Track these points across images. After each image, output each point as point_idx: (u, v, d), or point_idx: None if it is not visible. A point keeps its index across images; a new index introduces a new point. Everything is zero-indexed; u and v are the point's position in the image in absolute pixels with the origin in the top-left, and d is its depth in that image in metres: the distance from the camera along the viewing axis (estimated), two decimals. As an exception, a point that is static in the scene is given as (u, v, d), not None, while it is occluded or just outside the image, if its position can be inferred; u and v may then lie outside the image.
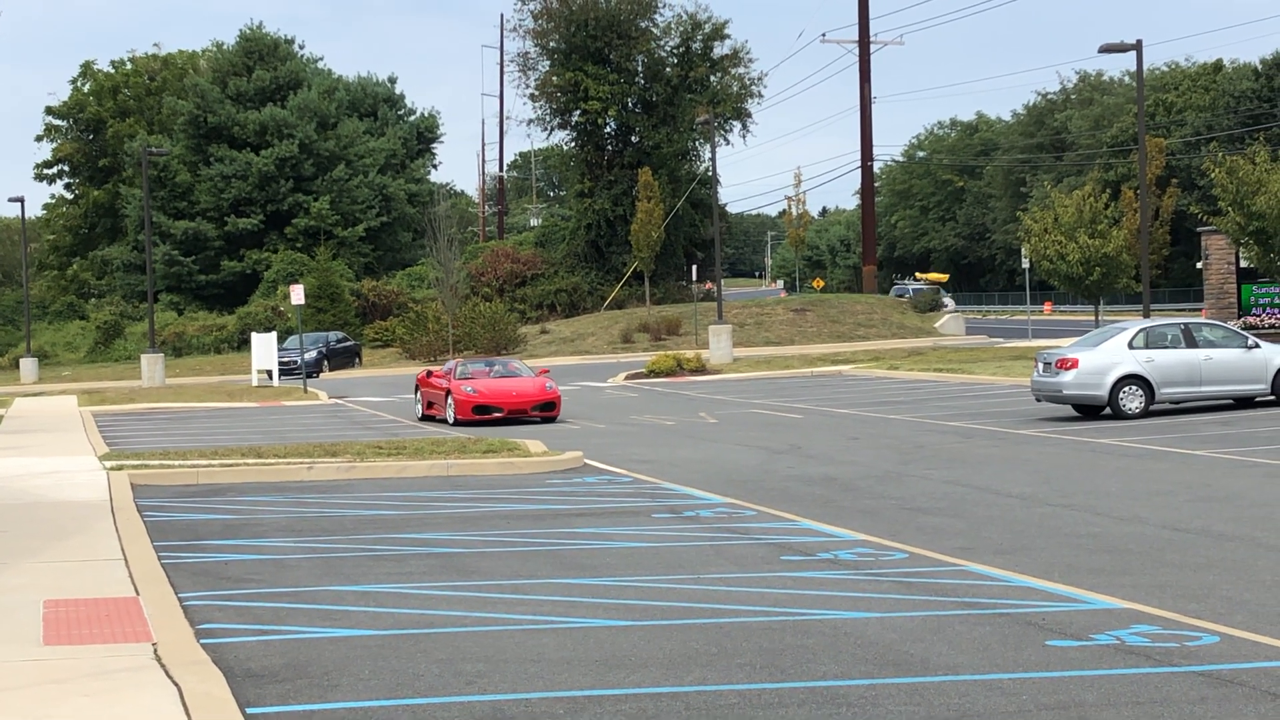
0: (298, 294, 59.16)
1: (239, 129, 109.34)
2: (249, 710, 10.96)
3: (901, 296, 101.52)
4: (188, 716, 10.52)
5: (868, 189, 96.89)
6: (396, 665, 12.47)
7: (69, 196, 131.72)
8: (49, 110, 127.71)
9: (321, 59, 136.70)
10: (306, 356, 68.28)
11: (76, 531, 20.23)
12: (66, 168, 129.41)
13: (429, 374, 43.46)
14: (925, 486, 24.39)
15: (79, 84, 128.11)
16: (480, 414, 39.41)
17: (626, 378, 60.91)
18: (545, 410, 40.11)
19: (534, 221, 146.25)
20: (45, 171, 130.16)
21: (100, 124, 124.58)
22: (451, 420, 39.84)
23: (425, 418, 42.51)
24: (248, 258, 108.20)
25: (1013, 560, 17.02)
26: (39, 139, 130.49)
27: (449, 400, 40.29)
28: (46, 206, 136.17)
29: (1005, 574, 16.18)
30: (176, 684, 11.41)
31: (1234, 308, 54.96)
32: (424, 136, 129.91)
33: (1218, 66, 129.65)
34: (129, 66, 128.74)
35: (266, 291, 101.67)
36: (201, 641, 13.26)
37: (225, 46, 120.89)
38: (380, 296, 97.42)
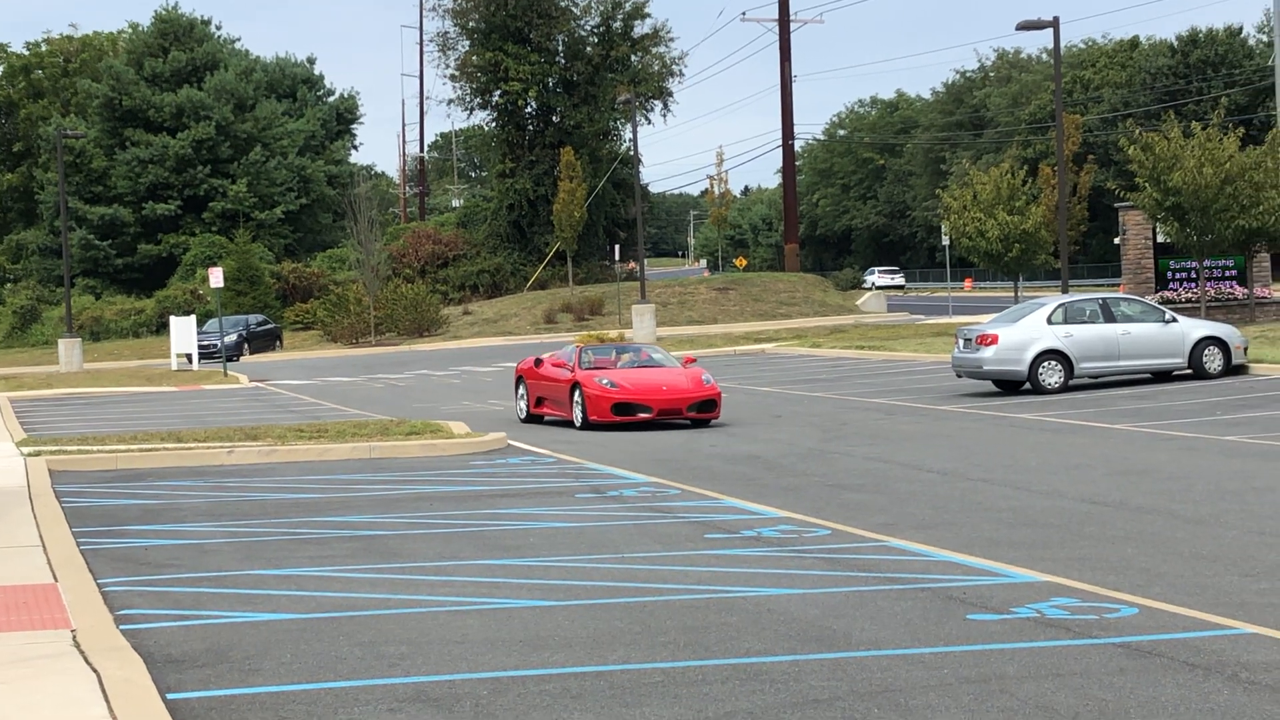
0: (216, 277, 58.80)
1: (155, 112, 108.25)
2: (169, 696, 10.87)
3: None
4: (107, 703, 10.44)
5: (789, 168, 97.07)
6: (319, 649, 12.41)
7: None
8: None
9: (239, 39, 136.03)
10: (226, 340, 67.92)
11: (-6, 518, 20.03)
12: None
13: (538, 362, 34.81)
14: (848, 463, 24.50)
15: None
16: (622, 414, 31.51)
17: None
18: (703, 411, 31.68)
19: (455, 202, 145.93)
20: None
21: (13, 106, 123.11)
22: (580, 422, 32.12)
23: (532, 418, 34.57)
24: (165, 241, 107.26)
25: (934, 535, 17.12)
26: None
27: (577, 396, 32.24)
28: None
29: (927, 549, 16.28)
30: (96, 670, 11.31)
31: (1151, 283, 55.36)
32: (343, 118, 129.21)
33: (1134, 43, 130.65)
34: (44, 48, 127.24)
35: (185, 275, 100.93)
36: (121, 628, 13.15)
37: (141, 28, 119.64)
38: (301, 279, 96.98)
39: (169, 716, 10.22)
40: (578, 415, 32.09)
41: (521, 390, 35.07)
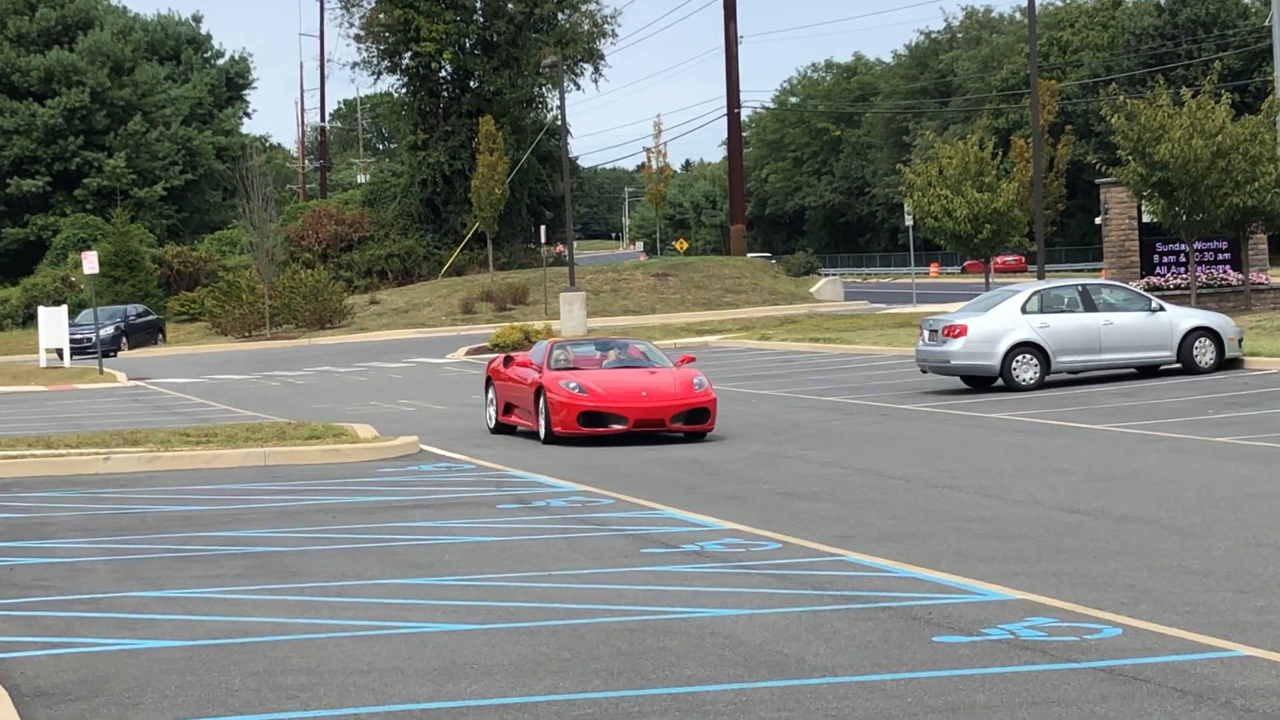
0: (90, 262, 58.44)
1: (20, 76, 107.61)
2: (38, 736, 10.81)
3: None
4: (-32, 742, 10.39)
5: (735, 139, 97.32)
6: (208, 680, 12.33)
7: None
8: None
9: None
10: (102, 333, 67.45)
11: None
12: None
13: (508, 360, 32.40)
14: (801, 469, 24.59)
15: None
16: (591, 425, 28.82)
17: (468, 352, 60.90)
18: (693, 421, 29.03)
19: (361, 178, 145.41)
20: None
21: None
22: (544, 435, 29.51)
23: (501, 427, 32.22)
24: (32, 223, 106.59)
25: (897, 549, 17.19)
26: None
27: (541, 403, 29.52)
28: None
29: (888, 564, 16.34)
30: (-46, 706, 11.26)
31: (1136, 267, 55.66)
32: (234, 83, 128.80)
33: (1117, 1, 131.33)
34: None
35: (55, 260, 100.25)
36: (-16, 656, 13.09)
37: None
38: (186, 264, 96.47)
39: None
40: (543, 426, 29.45)
41: (490, 394, 32.71)
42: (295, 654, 13.07)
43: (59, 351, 63.63)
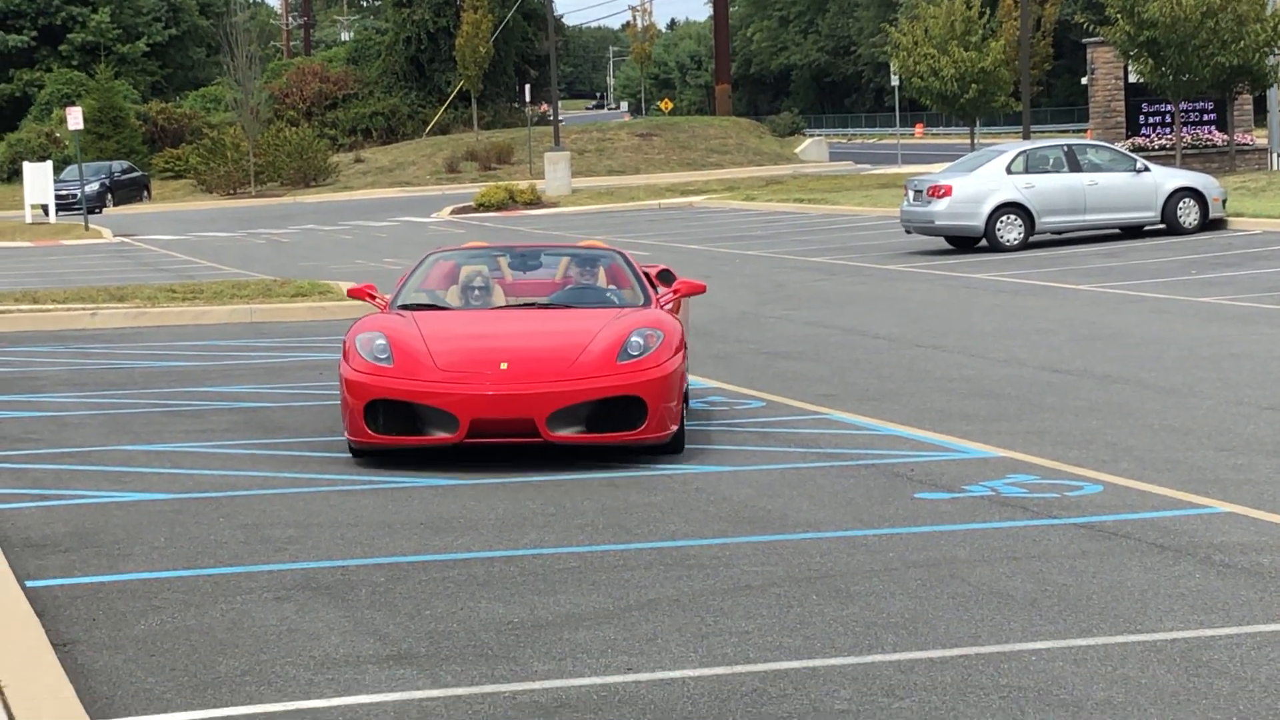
0: (75, 118, 58.11)
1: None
2: (29, 584, 10.83)
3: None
4: (-40, 592, 10.45)
5: (720, 19, 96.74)
6: (196, 532, 12.41)
7: None
8: None
9: None
10: (87, 189, 67.28)
11: None
12: None
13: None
14: (785, 329, 24.64)
15: None
16: (392, 431, 14.69)
17: (452, 212, 60.81)
18: (610, 423, 14.56)
19: (345, 35, 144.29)
20: None
21: None
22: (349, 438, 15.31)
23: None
24: (17, 78, 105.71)
25: (879, 407, 17.28)
26: None
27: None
28: None
29: (871, 422, 16.43)
30: (-54, 556, 11.32)
31: (1122, 128, 55.51)
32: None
33: None
34: None
35: (40, 115, 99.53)
36: (-26, 509, 13.16)
37: None
38: (170, 121, 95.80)
39: (29, 607, 10.19)
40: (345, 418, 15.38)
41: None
42: (283, 507, 13.14)
43: (44, 208, 63.43)
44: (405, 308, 16.03)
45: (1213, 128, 55.15)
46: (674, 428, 14.46)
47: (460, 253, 17.70)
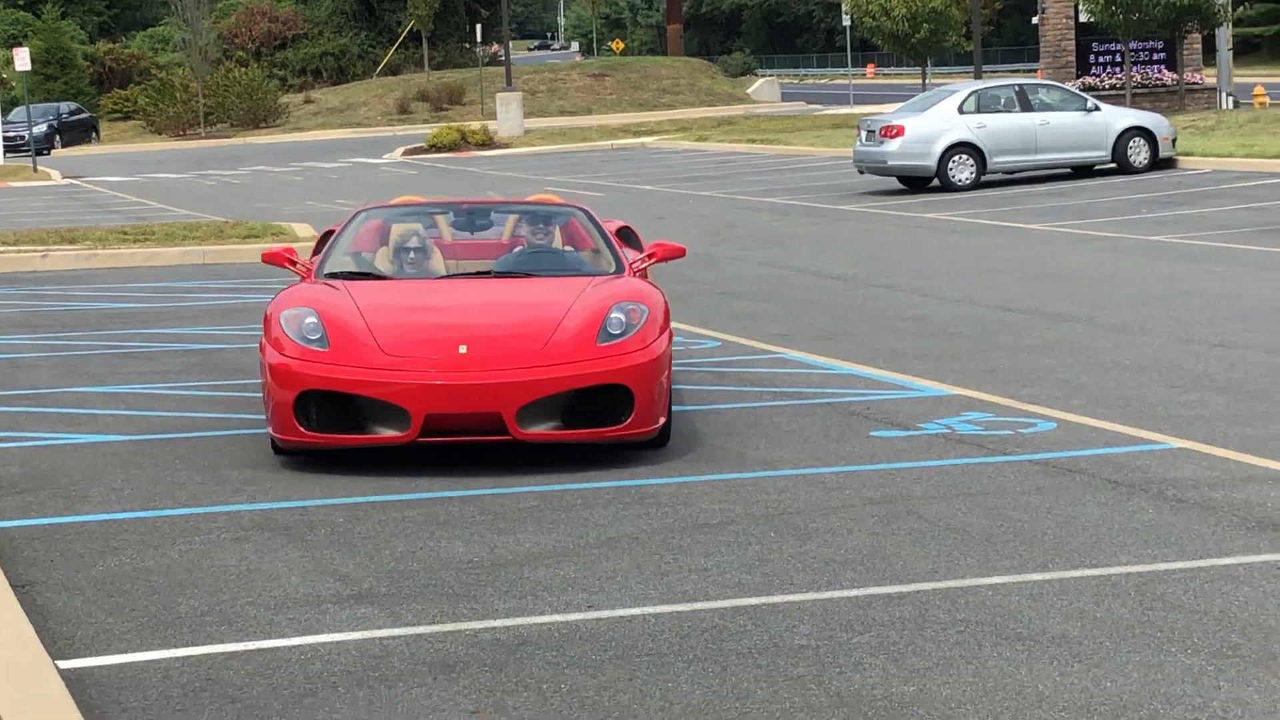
0: (22, 58, 57.73)
1: None
2: (-13, 526, 10.88)
3: None
4: (-83, 534, 10.44)
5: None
6: (153, 473, 12.39)
7: None
8: None
9: None
10: (35, 131, 66.76)
11: None
12: None
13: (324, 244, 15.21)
14: (739, 269, 24.67)
15: None
16: (330, 428, 12.04)
17: (404, 153, 60.67)
18: (590, 418, 12.15)
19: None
20: None
21: None
22: (272, 434, 12.41)
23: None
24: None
25: (834, 346, 17.32)
26: None
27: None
28: None
29: (826, 361, 16.48)
30: (-98, 498, 11.30)
31: (1072, 67, 55.56)
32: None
33: None
34: None
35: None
36: (-71, 451, 13.14)
37: None
38: (118, 61, 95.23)
39: (-13, 549, 10.22)
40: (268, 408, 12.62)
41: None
42: (239, 449, 13.11)
43: (-10, 149, 63.03)
44: (334, 276, 13.41)
45: (1162, 67, 55.27)
46: (663, 420, 12.16)
47: (393, 210, 14.89)
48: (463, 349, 11.82)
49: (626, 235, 15.19)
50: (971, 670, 7.91)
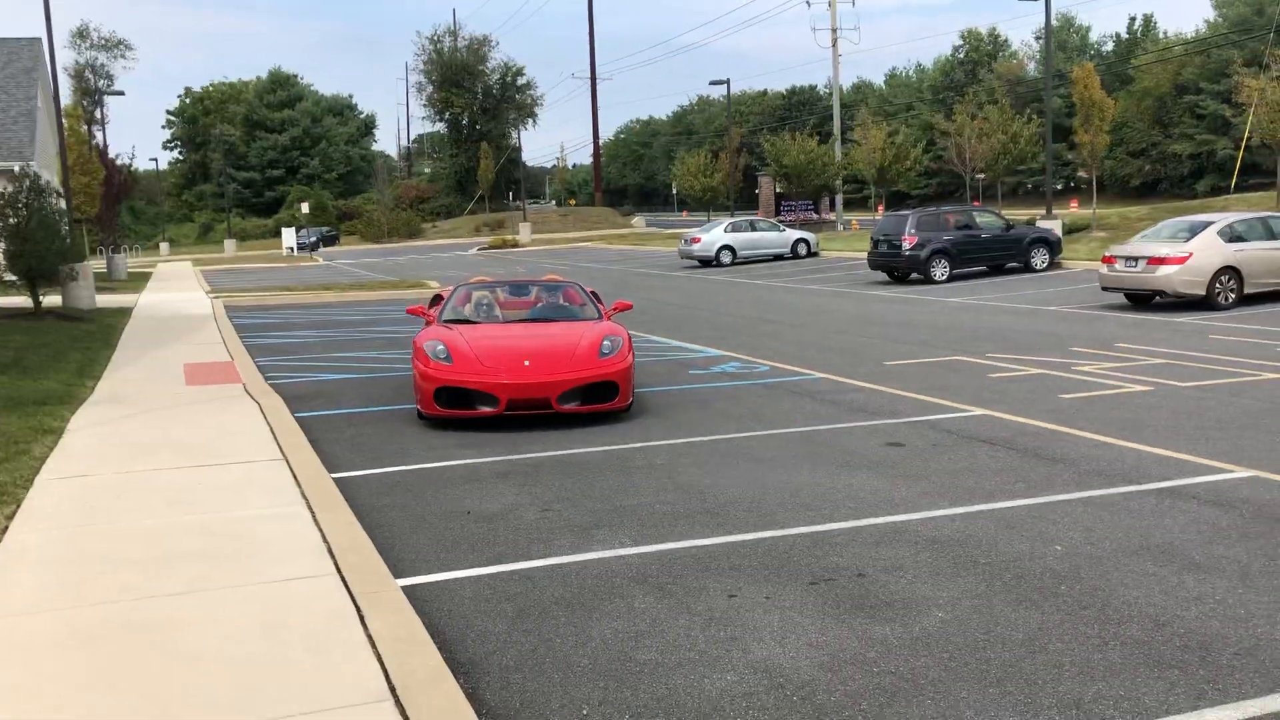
0: (305, 208, 57.05)
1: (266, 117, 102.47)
2: (297, 415, 10.70)
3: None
4: (264, 416, 10.31)
5: (596, 157, 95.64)
6: (370, 391, 12.19)
7: (180, 158, 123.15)
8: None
9: (312, 84, 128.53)
10: (311, 240, 65.68)
11: (199, 329, 19.46)
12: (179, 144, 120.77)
13: (435, 300, 12.69)
14: (638, 302, 24.48)
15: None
16: (453, 406, 10.16)
17: (477, 250, 59.88)
18: (591, 399, 10.22)
19: (426, 169, 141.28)
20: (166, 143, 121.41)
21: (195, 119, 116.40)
22: (420, 409, 10.36)
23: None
24: (278, 189, 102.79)
25: (673, 333, 17.21)
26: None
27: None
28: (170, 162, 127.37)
29: (668, 339, 16.40)
30: (257, 402, 11.14)
31: (774, 212, 55.77)
32: (367, 126, 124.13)
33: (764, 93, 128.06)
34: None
35: (289, 206, 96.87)
36: (268, 381, 12.90)
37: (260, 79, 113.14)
38: (349, 208, 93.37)
39: (297, 424, 10.03)
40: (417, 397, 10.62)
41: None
42: (406, 379, 12.96)
43: (291, 248, 61.88)
44: (448, 322, 11.42)
45: (811, 211, 55.53)
46: (630, 399, 10.37)
47: (474, 285, 12.45)
48: (526, 363, 10.07)
49: (594, 295, 12.36)
50: (738, 469, 7.80)
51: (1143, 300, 17.77)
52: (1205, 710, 4.17)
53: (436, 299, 12.56)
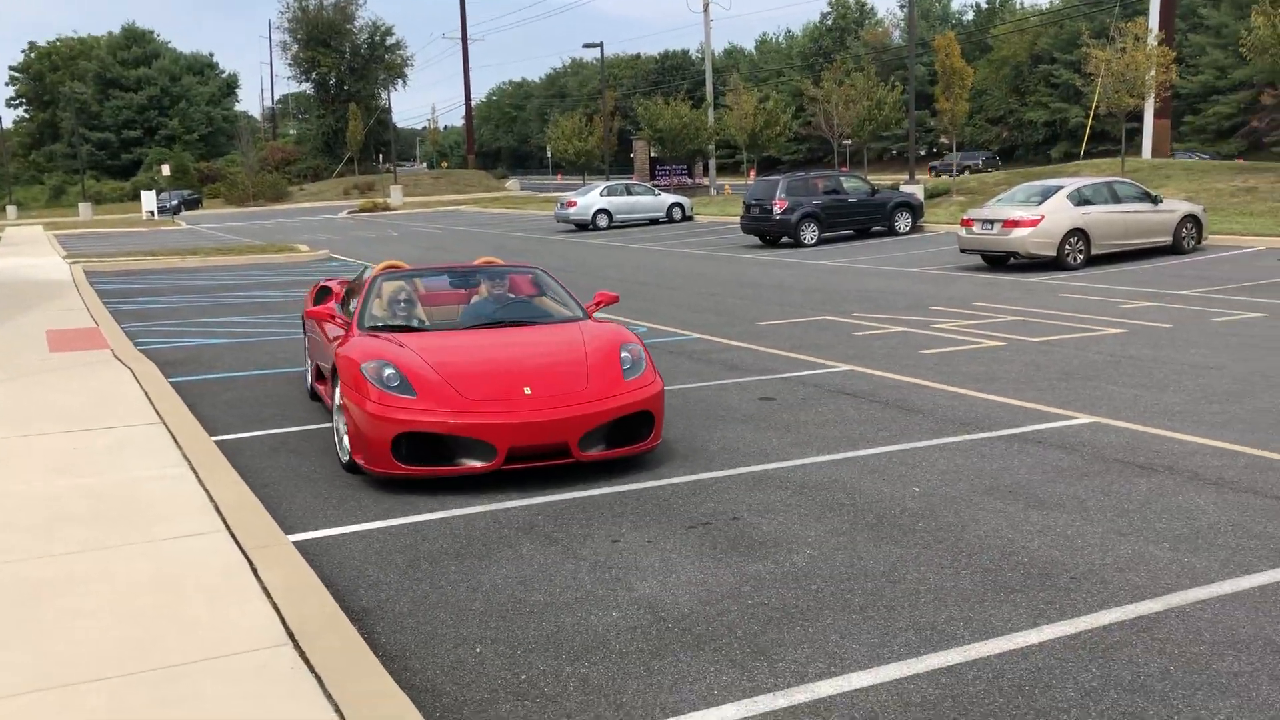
0: (166, 170, 54.73)
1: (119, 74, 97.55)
2: (171, 379, 10.53)
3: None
4: (138, 381, 10.09)
5: (469, 117, 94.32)
6: (245, 356, 12.05)
7: (26, 116, 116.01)
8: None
9: (170, 42, 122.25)
10: (172, 203, 63.12)
11: (58, 295, 18.67)
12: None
13: (322, 293, 9.19)
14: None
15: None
16: (421, 460, 6.23)
17: (347, 213, 58.60)
18: (618, 441, 6.53)
19: (292, 132, 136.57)
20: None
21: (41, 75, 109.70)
22: (345, 456, 6.70)
23: (317, 395, 8.77)
24: (136, 152, 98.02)
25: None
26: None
27: (338, 397, 6.79)
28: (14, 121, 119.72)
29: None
30: (129, 367, 10.88)
31: (650, 177, 56.08)
32: (229, 87, 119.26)
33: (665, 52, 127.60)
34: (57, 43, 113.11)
35: (148, 168, 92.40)
36: (138, 347, 12.59)
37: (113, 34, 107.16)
38: (211, 171, 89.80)
39: (172, 389, 9.89)
40: (341, 436, 6.85)
41: (306, 342, 9.39)
42: (288, 346, 12.78)
43: (151, 212, 59.36)
44: (374, 330, 7.39)
45: (686, 176, 56.05)
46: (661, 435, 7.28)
47: (399, 274, 8.23)
48: (527, 390, 6.52)
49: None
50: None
51: (999, 261, 18.15)
52: (1044, 626, 4.50)
53: (325, 292, 9.11)
